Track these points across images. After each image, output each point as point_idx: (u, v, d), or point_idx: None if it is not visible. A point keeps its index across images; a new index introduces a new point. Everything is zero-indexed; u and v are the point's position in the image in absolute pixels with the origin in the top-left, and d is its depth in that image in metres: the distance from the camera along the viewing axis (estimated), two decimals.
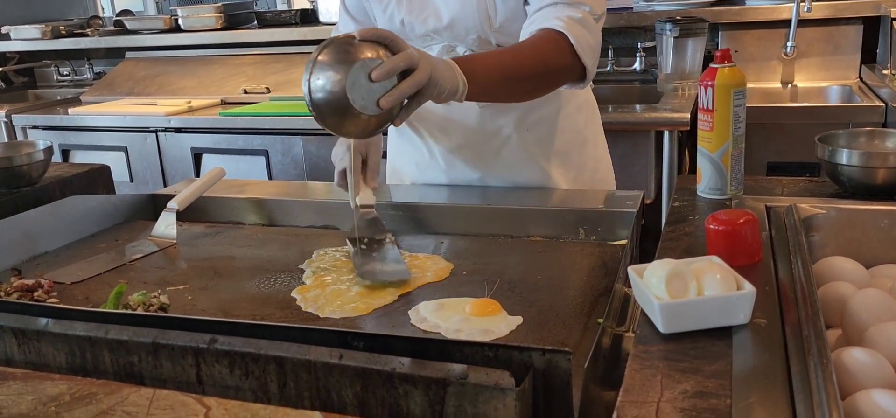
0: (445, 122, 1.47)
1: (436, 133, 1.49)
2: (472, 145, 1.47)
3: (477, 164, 1.48)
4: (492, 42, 1.39)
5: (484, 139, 1.46)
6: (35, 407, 0.70)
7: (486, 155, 1.47)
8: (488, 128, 1.45)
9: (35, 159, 1.53)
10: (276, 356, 0.76)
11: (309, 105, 1.04)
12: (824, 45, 2.59)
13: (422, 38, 1.42)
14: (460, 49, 1.41)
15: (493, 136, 1.45)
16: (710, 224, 0.92)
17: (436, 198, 1.46)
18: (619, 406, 0.63)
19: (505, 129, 1.45)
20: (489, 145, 1.47)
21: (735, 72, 1.11)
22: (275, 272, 1.22)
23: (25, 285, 1.17)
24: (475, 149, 1.47)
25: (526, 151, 1.47)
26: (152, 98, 3.17)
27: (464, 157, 1.49)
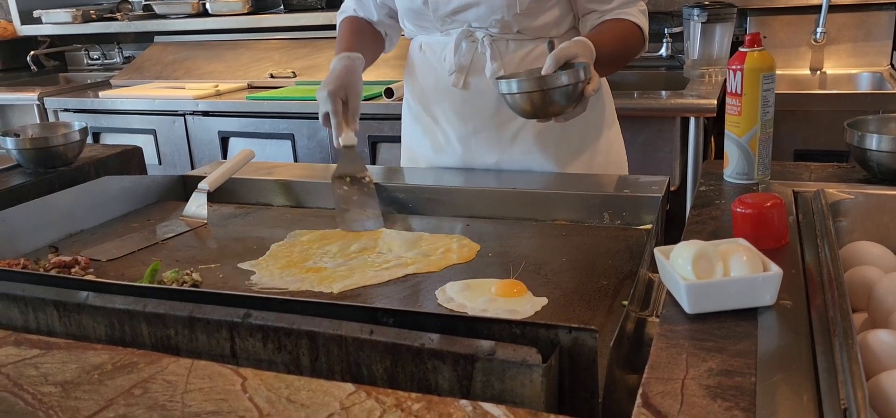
0: (462, 107, 1.49)
1: (452, 118, 1.51)
2: (489, 130, 1.49)
3: (493, 149, 1.50)
4: (513, 28, 1.40)
5: (501, 124, 1.47)
6: (79, 374, 0.73)
7: (503, 140, 1.49)
8: (505, 113, 1.45)
9: (71, 140, 1.57)
10: (308, 330, 0.78)
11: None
12: (855, 31, 2.55)
13: (443, 20, 1.43)
14: (479, 33, 1.42)
15: (510, 121, 1.46)
16: (736, 207, 0.92)
17: (462, 182, 1.47)
18: (644, 382, 0.64)
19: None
20: (506, 130, 1.48)
21: (764, 56, 1.11)
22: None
23: (63, 261, 1.20)
24: (491, 134, 1.49)
25: (542, 136, 1.48)
26: (180, 82, 3.21)
27: (480, 142, 1.50)
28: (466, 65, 1.45)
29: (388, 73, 2.82)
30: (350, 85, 1.41)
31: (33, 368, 0.75)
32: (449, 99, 1.49)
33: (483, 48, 1.43)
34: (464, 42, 1.44)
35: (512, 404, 0.68)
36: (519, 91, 1.23)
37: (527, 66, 1.43)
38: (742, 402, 0.60)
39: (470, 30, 1.42)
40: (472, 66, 1.45)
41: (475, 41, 1.43)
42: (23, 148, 1.53)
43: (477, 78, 1.45)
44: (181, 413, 0.65)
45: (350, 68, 1.44)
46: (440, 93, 1.51)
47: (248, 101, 2.80)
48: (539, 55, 1.43)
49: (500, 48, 1.43)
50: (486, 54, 1.43)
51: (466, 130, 1.50)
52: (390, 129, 2.53)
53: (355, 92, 1.42)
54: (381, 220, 1.35)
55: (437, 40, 1.49)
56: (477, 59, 1.44)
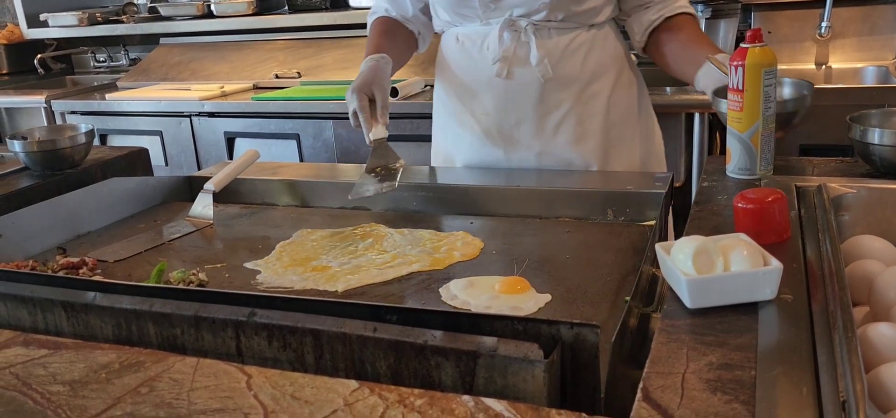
0: (505, 98, 1.47)
1: (494, 111, 1.49)
2: (531, 120, 1.47)
3: (535, 140, 1.48)
4: (557, 15, 1.39)
5: (544, 113, 1.46)
6: (86, 373, 0.74)
7: (546, 130, 1.47)
8: (549, 102, 1.45)
9: (78, 142, 1.58)
10: (312, 328, 0.79)
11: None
12: (860, 25, 2.54)
13: (485, 8, 1.43)
14: (522, 22, 1.41)
15: (553, 110, 1.46)
16: (738, 202, 0.92)
17: (465, 180, 1.48)
18: (645, 377, 0.65)
19: (565, 103, 1.45)
20: (548, 120, 1.47)
21: (766, 51, 1.11)
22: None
23: (71, 263, 1.21)
24: (534, 125, 1.47)
25: (583, 126, 1.47)
26: (186, 83, 3.23)
27: (522, 134, 1.49)
28: (510, 54, 1.43)
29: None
30: (376, 81, 1.41)
31: (42, 368, 0.76)
32: (491, 90, 1.48)
33: (527, 37, 1.42)
34: (506, 31, 1.42)
35: (514, 399, 0.68)
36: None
37: (571, 56, 1.43)
38: (742, 395, 0.60)
39: (512, 19, 1.41)
40: (515, 55, 1.43)
41: (518, 30, 1.42)
42: (30, 150, 1.55)
43: (521, 67, 1.44)
44: (187, 410, 0.66)
45: (376, 68, 1.45)
46: (481, 84, 1.49)
47: (253, 101, 2.81)
48: (581, 43, 1.44)
49: (543, 36, 1.42)
50: (530, 43, 1.41)
51: (509, 122, 1.48)
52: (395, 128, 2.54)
53: (382, 88, 1.41)
54: (388, 187, 1.35)
55: (477, 31, 1.47)
56: (520, 48, 1.43)
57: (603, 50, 1.47)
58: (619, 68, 1.50)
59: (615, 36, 1.51)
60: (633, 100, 1.53)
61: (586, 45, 1.45)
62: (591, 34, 1.45)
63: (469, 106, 1.53)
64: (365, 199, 1.41)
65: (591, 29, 1.45)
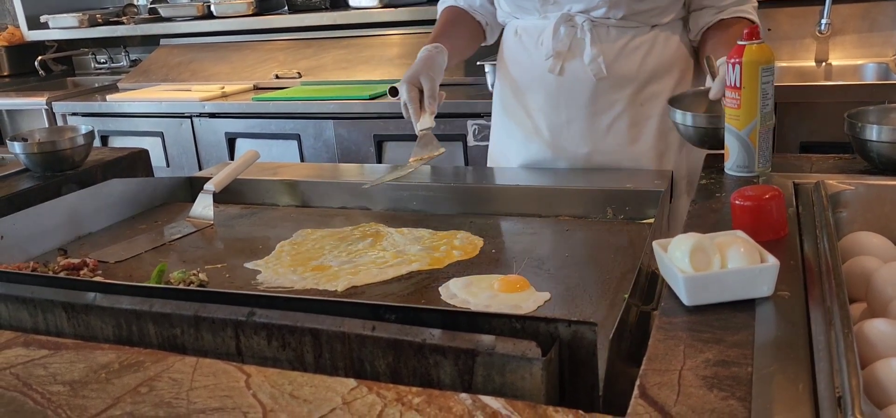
0: (556, 95, 1.45)
1: (544, 107, 1.47)
2: (582, 120, 1.45)
3: (585, 140, 1.46)
4: (617, 12, 1.37)
5: (595, 113, 1.44)
6: (86, 373, 0.74)
7: (597, 131, 1.45)
8: (601, 103, 1.43)
9: (78, 143, 1.59)
10: (311, 328, 0.79)
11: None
12: (860, 22, 2.54)
13: (543, 4, 1.41)
14: (579, 18, 1.39)
15: (605, 111, 1.43)
16: (736, 200, 0.92)
17: (465, 179, 1.48)
18: (642, 373, 0.65)
19: (618, 104, 1.43)
20: (600, 120, 1.44)
21: (763, 48, 1.11)
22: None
23: (71, 264, 1.22)
24: (585, 124, 1.45)
25: (637, 128, 1.45)
26: (187, 84, 3.23)
27: (572, 132, 1.46)
28: (564, 50, 1.41)
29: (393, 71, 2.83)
30: (425, 71, 1.40)
31: (42, 368, 0.76)
32: (543, 86, 1.46)
33: (582, 33, 1.40)
34: (563, 26, 1.40)
35: (513, 397, 0.69)
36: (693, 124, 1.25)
37: (628, 56, 1.41)
38: (738, 392, 0.60)
39: (570, 14, 1.40)
40: (569, 52, 1.41)
41: (574, 26, 1.40)
42: (30, 152, 1.55)
43: (574, 64, 1.42)
44: (186, 410, 0.67)
45: (427, 58, 1.44)
46: (534, 79, 1.47)
47: (253, 102, 2.81)
48: (641, 43, 1.41)
49: (600, 34, 1.40)
50: (585, 39, 1.39)
51: (559, 120, 1.47)
52: (396, 128, 2.55)
53: (430, 78, 1.40)
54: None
55: (535, 24, 1.46)
56: (575, 45, 1.41)
57: (665, 50, 1.43)
58: (682, 70, 1.46)
59: (681, 36, 1.46)
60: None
61: (647, 44, 1.41)
62: (652, 34, 1.42)
63: (522, 101, 1.51)
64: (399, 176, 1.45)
65: (653, 28, 1.41)
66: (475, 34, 1.61)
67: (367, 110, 2.60)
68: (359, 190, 1.47)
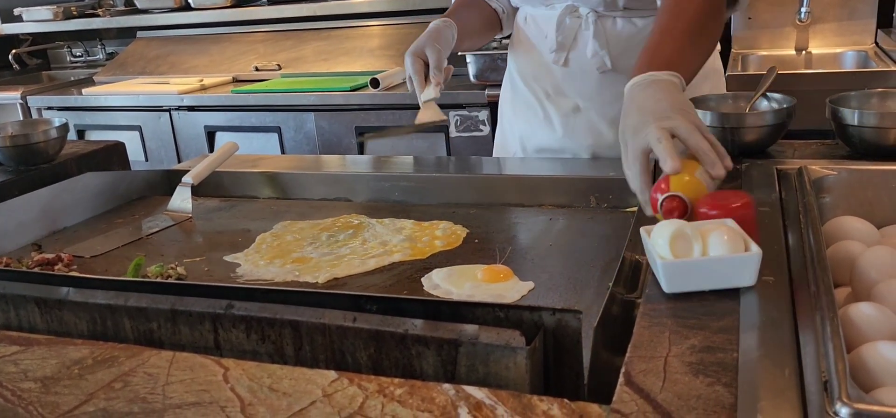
0: (563, 85, 1.43)
1: (552, 95, 1.45)
2: (589, 110, 1.43)
3: (590, 132, 1.44)
4: (619, 3, 1.33)
5: (602, 104, 1.41)
6: (59, 369, 0.72)
7: (603, 121, 1.43)
8: (607, 95, 1.39)
9: (51, 136, 1.55)
10: (291, 320, 0.77)
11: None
12: (839, 11, 2.56)
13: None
14: (583, 10, 1.36)
15: (612, 102, 1.39)
16: (700, 207, 0.85)
17: (447, 169, 1.47)
18: (627, 361, 0.64)
19: (622, 97, 1.41)
20: (607, 112, 1.42)
21: None
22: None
23: (46, 259, 1.19)
24: (591, 115, 1.43)
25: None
26: (165, 77, 3.19)
27: (579, 122, 1.44)
28: (568, 42, 1.39)
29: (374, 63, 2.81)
30: (430, 43, 1.36)
31: (13, 365, 0.74)
32: (549, 75, 1.44)
33: (585, 25, 1.37)
34: (567, 17, 1.38)
35: (497, 387, 0.67)
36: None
37: (635, 46, 1.33)
38: (724, 378, 0.60)
39: (574, 6, 1.37)
40: (574, 44, 1.39)
41: (579, 17, 1.37)
42: (3, 145, 1.52)
43: (578, 56, 1.39)
44: (162, 405, 0.65)
45: (434, 30, 1.39)
46: (542, 68, 1.45)
47: (233, 94, 2.78)
48: (647, 36, 1.34)
49: (605, 25, 1.37)
50: (588, 32, 1.37)
51: (566, 109, 1.45)
52: (377, 119, 2.53)
53: (435, 49, 1.36)
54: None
55: (542, 14, 1.43)
56: (580, 37, 1.38)
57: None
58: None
59: None
60: (705, 95, 1.43)
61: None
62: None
63: (531, 88, 1.49)
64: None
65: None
66: (490, 22, 1.56)
67: (348, 102, 2.57)
68: (340, 181, 1.45)
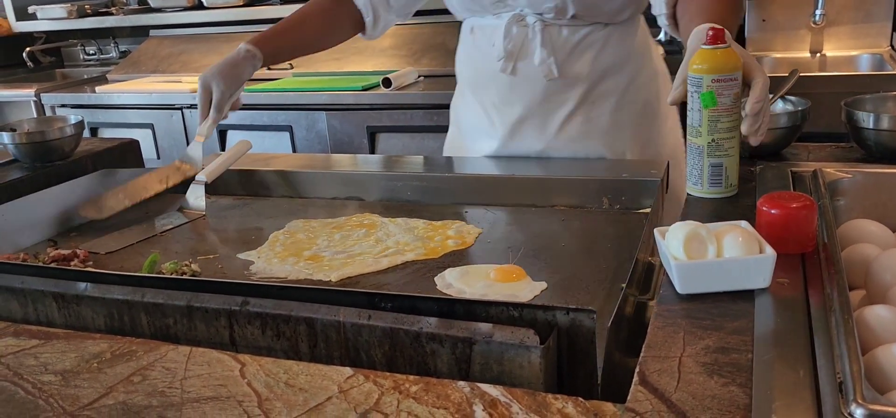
0: (509, 94, 1.44)
1: (499, 105, 1.46)
2: (535, 117, 1.44)
3: (539, 138, 1.45)
4: (568, 12, 1.34)
5: (549, 111, 1.43)
6: (78, 363, 0.73)
7: (550, 127, 1.44)
8: (553, 101, 1.41)
9: (67, 134, 1.57)
10: (306, 317, 0.78)
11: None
12: (854, 13, 2.54)
13: (494, 4, 1.39)
14: (530, 19, 1.37)
15: (558, 108, 1.42)
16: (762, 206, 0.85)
17: (460, 169, 1.47)
18: (641, 361, 0.64)
19: (569, 102, 1.42)
20: (553, 117, 1.43)
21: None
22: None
23: (61, 255, 1.20)
24: (538, 121, 1.44)
25: (591, 124, 1.43)
26: (177, 75, 3.21)
27: (527, 129, 1.45)
28: (516, 51, 1.39)
29: (387, 62, 2.82)
30: (219, 79, 1.41)
31: (33, 358, 0.75)
32: (496, 84, 1.44)
33: (533, 34, 1.38)
34: (514, 26, 1.38)
35: (511, 386, 0.68)
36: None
37: (580, 56, 1.38)
38: (739, 378, 0.60)
39: (521, 14, 1.38)
40: (521, 52, 1.40)
41: (526, 26, 1.38)
42: (19, 142, 1.53)
43: (526, 64, 1.40)
44: (180, 399, 0.66)
45: (231, 63, 1.44)
46: (488, 77, 1.45)
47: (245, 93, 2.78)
48: (594, 41, 1.38)
49: (551, 34, 1.37)
50: (536, 40, 1.38)
51: (513, 117, 1.45)
52: (389, 120, 2.53)
53: (220, 87, 1.41)
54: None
55: (489, 23, 1.44)
56: (527, 45, 1.39)
57: (619, 47, 1.41)
58: (636, 66, 1.44)
59: (637, 31, 1.44)
60: (651, 98, 1.47)
61: (600, 42, 1.39)
62: (606, 31, 1.39)
63: (478, 96, 1.50)
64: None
65: (607, 26, 1.39)
66: (340, 27, 1.57)
67: (359, 101, 2.58)
68: (352, 180, 1.46)
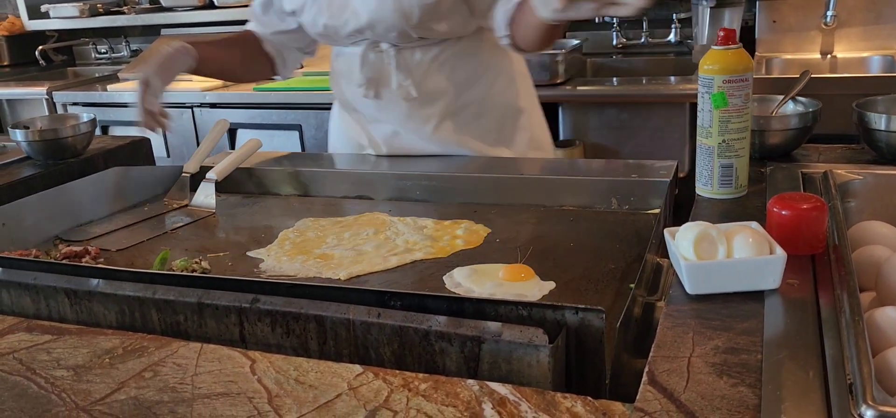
0: (378, 113, 1.51)
1: (373, 123, 1.53)
2: (408, 132, 1.50)
3: (415, 147, 1.51)
4: (413, 36, 1.39)
5: (416, 126, 1.49)
6: (90, 358, 0.73)
7: (423, 136, 1.50)
8: (418, 118, 1.48)
9: (80, 131, 1.58)
10: (316, 315, 0.78)
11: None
12: (865, 14, 2.53)
13: (347, 38, 1.44)
14: (384, 45, 1.42)
15: (424, 123, 1.48)
16: (773, 207, 0.85)
17: (469, 169, 1.47)
18: (651, 360, 0.64)
19: (434, 118, 1.48)
20: (425, 128, 1.49)
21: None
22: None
23: (73, 252, 1.21)
24: (411, 135, 1.50)
25: (461, 132, 1.49)
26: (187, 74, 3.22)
27: (403, 141, 1.52)
28: (375, 77, 1.46)
29: None
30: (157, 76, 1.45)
31: (45, 353, 0.76)
32: (365, 107, 1.51)
33: (389, 59, 1.43)
34: (371, 54, 1.44)
35: (519, 385, 0.68)
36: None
37: (435, 73, 1.43)
38: (748, 379, 0.60)
39: (376, 41, 1.42)
40: (380, 78, 1.46)
41: (382, 52, 1.43)
42: (32, 140, 1.55)
43: (386, 88, 1.46)
44: (191, 395, 0.66)
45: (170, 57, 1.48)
46: (356, 99, 1.52)
47: (255, 92, 2.80)
48: (447, 58, 1.44)
49: (406, 57, 1.43)
50: (391, 65, 1.43)
51: (387, 133, 1.52)
52: None
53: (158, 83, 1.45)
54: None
55: (350, 51, 1.50)
56: (384, 70, 1.45)
57: (474, 59, 1.46)
58: (494, 74, 1.49)
59: (487, 40, 1.47)
60: (513, 98, 1.53)
61: (453, 59, 1.44)
62: (459, 46, 1.44)
63: (353, 114, 1.57)
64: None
65: (460, 41, 1.44)
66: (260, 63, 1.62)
67: None
68: (362, 179, 1.47)
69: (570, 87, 2.39)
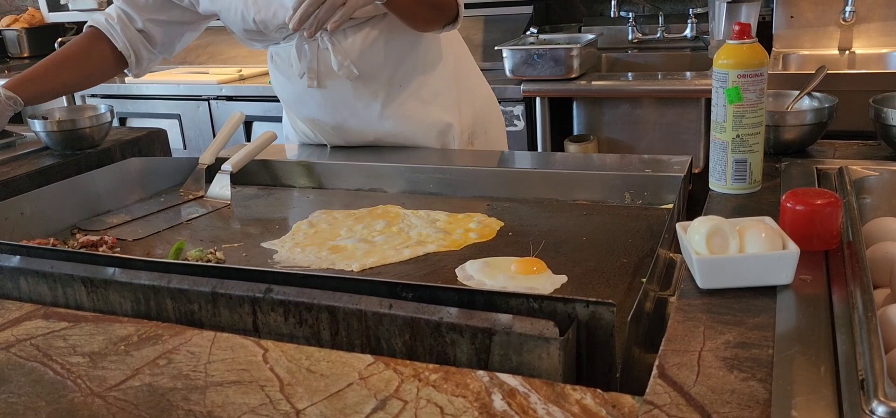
0: (324, 105, 1.52)
1: (322, 114, 1.54)
2: (356, 115, 1.52)
3: (367, 133, 1.54)
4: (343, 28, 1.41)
5: (364, 107, 1.51)
6: (105, 345, 0.74)
7: (372, 121, 1.52)
8: (365, 96, 1.50)
9: (97, 122, 1.60)
10: (328, 305, 0.79)
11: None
12: (885, 10, 2.50)
13: (277, 32, 1.46)
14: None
15: (372, 101, 1.50)
16: (786, 202, 0.84)
17: (481, 163, 1.47)
18: (661, 354, 0.64)
19: (380, 93, 1.50)
20: (371, 111, 1.51)
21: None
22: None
23: (90, 241, 1.23)
24: (360, 120, 1.53)
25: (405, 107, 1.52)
26: (204, 67, 3.24)
27: (355, 128, 1.55)
28: (315, 65, 1.48)
29: None
30: None
31: (62, 340, 0.77)
32: (310, 99, 1.53)
33: (323, 45, 1.45)
34: (305, 44, 1.46)
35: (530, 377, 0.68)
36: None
37: (370, 50, 1.46)
38: (759, 373, 0.60)
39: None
40: (320, 65, 1.47)
41: (315, 40, 1.45)
42: (51, 130, 1.57)
43: (328, 74, 1.48)
44: (204, 382, 0.67)
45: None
46: (301, 96, 1.54)
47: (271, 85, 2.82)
48: (377, 35, 1.46)
49: (339, 40, 1.45)
50: (328, 50, 1.45)
51: (336, 119, 1.54)
52: None
53: None
54: None
55: (283, 48, 1.51)
56: (323, 56, 1.47)
57: (403, 34, 1.48)
58: (424, 48, 1.52)
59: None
60: (450, 65, 1.57)
61: (384, 35, 1.47)
62: (385, 22, 1.46)
63: (298, 112, 1.59)
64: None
65: (385, 17, 1.46)
66: (101, 63, 1.63)
67: None
68: (375, 172, 1.47)
69: (585, 81, 2.38)
